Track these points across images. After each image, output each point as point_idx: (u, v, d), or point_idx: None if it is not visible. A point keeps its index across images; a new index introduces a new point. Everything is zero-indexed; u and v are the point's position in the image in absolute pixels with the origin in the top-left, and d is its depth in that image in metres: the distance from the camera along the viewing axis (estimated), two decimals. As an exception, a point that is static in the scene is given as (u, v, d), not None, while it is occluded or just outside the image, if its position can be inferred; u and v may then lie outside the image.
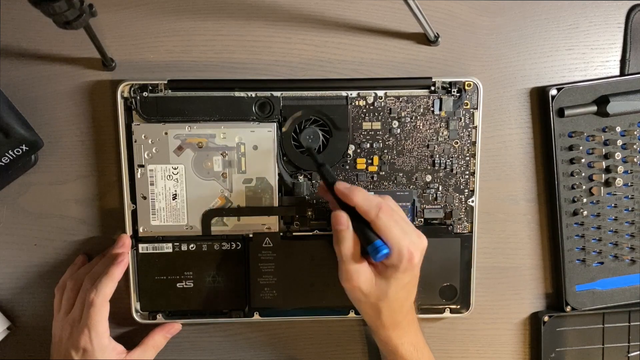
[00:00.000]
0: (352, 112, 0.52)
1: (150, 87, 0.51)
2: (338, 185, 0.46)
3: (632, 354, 0.57)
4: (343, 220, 0.45)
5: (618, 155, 0.54)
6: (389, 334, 0.48)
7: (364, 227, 0.44)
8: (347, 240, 0.45)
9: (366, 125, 0.52)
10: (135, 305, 0.54)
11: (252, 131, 0.51)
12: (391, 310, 0.47)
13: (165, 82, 0.51)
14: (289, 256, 0.53)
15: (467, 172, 0.53)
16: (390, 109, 0.52)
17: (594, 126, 0.54)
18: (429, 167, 0.53)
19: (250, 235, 0.53)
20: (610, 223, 0.55)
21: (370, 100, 0.52)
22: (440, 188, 0.53)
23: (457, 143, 0.53)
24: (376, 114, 0.52)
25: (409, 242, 0.44)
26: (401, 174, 0.53)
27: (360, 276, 0.45)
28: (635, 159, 0.54)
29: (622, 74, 0.55)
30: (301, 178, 0.53)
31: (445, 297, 0.54)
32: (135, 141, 0.51)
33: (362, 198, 0.44)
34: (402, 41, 0.53)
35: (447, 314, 0.55)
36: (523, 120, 0.55)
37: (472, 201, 0.54)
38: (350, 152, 0.53)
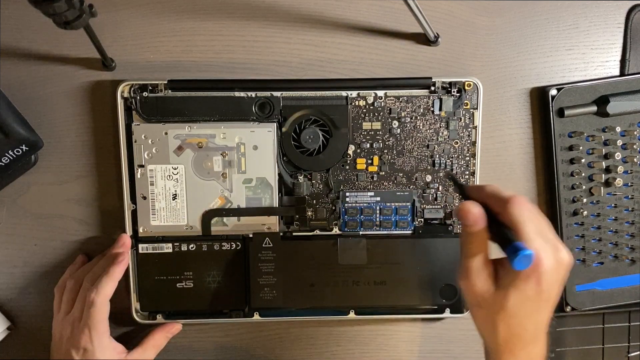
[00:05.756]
0: (352, 112, 0.52)
1: (150, 87, 0.51)
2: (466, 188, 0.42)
3: (632, 354, 0.57)
4: (474, 212, 0.38)
5: (618, 155, 0.54)
6: (501, 358, 0.40)
7: (502, 227, 0.39)
8: (479, 236, 0.39)
9: (366, 125, 0.52)
10: (135, 305, 0.54)
11: (252, 131, 0.51)
12: (508, 328, 0.39)
13: (165, 82, 0.51)
14: (289, 256, 0.53)
15: (467, 172, 0.53)
16: (390, 109, 0.52)
17: (594, 126, 0.54)
18: (429, 167, 0.53)
19: (250, 235, 0.53)
20: (610, 223, 0.55)
21: (370, 100, 0.52)
22: (440, 188, 0.53)
23: (457, 143, 0.53)
24: (376, 114, 0.52)
25: (541, 246, 0.37)
26: (401, 174, 0.53)
27: (479, 275, 0.39)
28: (635, 159, 0.54)
29: (622, 74, 0.55)
30: (301, 178, 0.53)
31: (445, 297, 0.54)
32: (135, 141, 0.51)
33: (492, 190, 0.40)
34: (402, 41, 0.53)
35: (447, 314, 0.55)
36: (523, 120, 0.55)
37: (472, 201, 0.54)
38: (350, 152, 0.53)
